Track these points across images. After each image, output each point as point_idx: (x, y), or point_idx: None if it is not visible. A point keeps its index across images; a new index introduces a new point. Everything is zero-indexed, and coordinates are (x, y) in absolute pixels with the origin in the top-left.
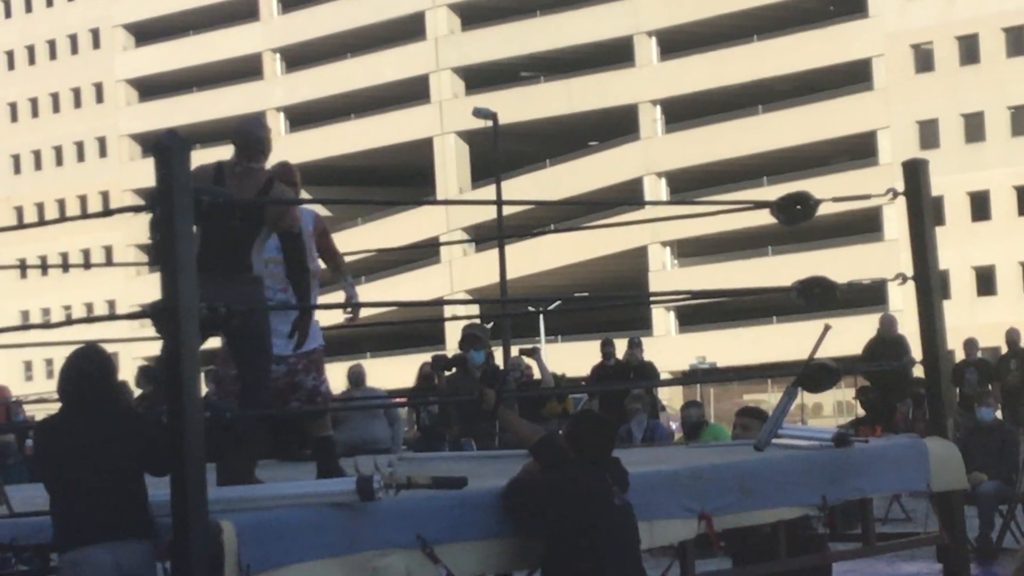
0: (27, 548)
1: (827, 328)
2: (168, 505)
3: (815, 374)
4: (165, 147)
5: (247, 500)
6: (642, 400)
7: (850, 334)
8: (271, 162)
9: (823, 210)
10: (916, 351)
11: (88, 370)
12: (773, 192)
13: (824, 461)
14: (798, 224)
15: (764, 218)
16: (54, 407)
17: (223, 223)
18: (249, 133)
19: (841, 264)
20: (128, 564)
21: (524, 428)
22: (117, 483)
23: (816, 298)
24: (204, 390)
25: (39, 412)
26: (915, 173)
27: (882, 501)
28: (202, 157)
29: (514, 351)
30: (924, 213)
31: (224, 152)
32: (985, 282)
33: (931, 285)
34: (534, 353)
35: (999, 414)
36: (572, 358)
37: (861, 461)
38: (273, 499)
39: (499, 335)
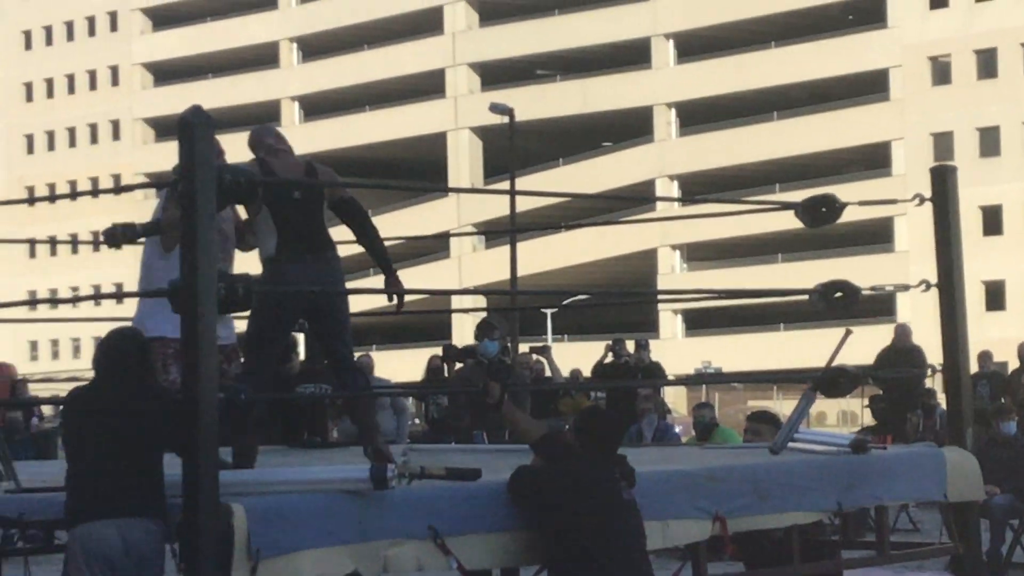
0: (33, 524)
1: (848, 332)
2: (179, 485)
3: (834, 379)
4: (188, 123)
5: (259, 484)
6: (652, 400)
7: (860, 343)
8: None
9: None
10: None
11: (125, 348)
12: (786, 199)
13: (841, 467)
14: (822, 226)
15: (775, 224)
16: (59, 387)
17: (293, 205)
18: (261, 133)
19: (852, 273)
20: (135, 542)
21: (528, 424)
22: (132, 460)
23: (837, 302)
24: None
25: (44, 391)
26: (943, 179)
27: (891, 511)
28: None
29: (523, 348)
30: (951, 219)
31: (239, 138)
32: (995, 297)
33: (956, 292)
34: (544, 351)
35: None
36: (580, 358)
37: (878, 468)
38: (285, 484)
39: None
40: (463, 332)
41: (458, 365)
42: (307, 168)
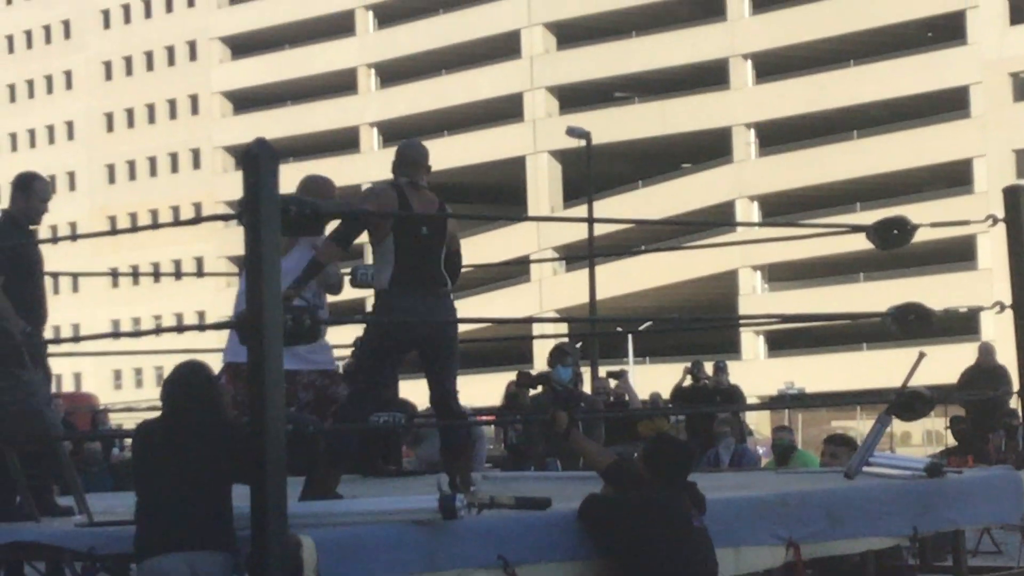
0: (104, 558)
1: (921, 355)
2: (248, 518)
3: (908, 402)
4: (253, 155)
5: (328, 515)
6: (730, 424)
7: (942, 363)
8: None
9: (917, 237)
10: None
11: (194, 382)
12: (866, 218)
13: (916, 491)
14: (894, 249)
15: (856, 244)
16: (140, 416)
17: (417, 240)
18: (420, 155)
19: (934, 292)
20: (204, 575)
21: (595, 452)
22: (201, 492)
23: (911, 325)
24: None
25: (127, 421)
26: (1016, 199)
27: (972, 533)
28: (296, 171)
29: (601, 372)
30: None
31: (314, 166)
32: None
33: None
34: (620, 376)
35: None
36: (661, 380)
37: (954, 492)
38: (354, 515)
39: (587, 355)
40: (543, 357)
41: (532, 391)
42: (440, 206)
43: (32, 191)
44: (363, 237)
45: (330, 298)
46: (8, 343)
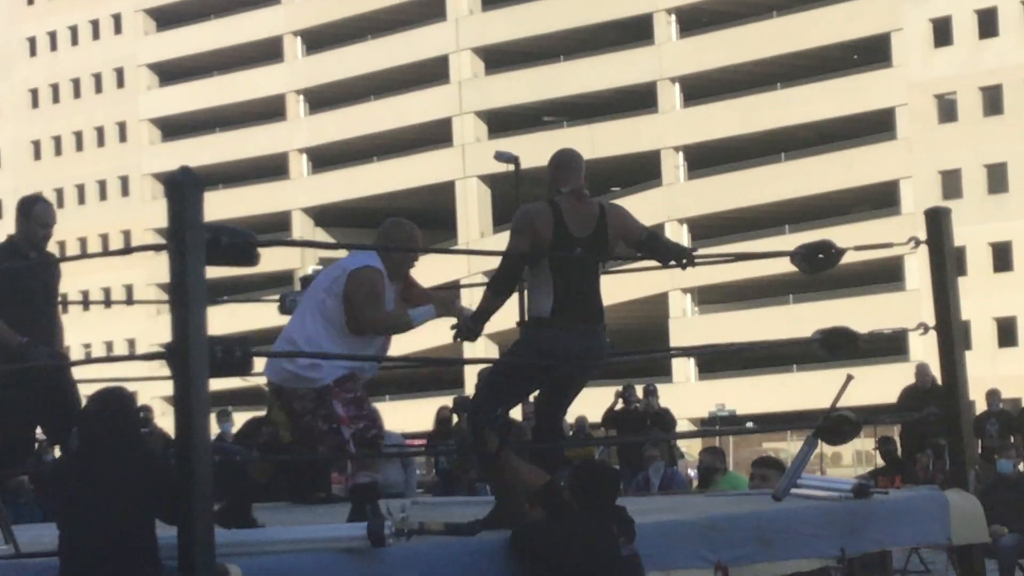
0: None
1: (849, 378)
2: (175, 547)
3: (835, 426)
4: (178, 184)
5: (255, 544)
6: (660, 447)
7: (871, 384)
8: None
9: (845, 259)
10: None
11: (102, 412)
12: (795, 240)
13: (843, 512)
14: (820, 273)
15: (786, 266)
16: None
17: (574, 263)
18: (580, 161)
19: (862, 313)
20: None
21: (527, 473)
22: (125, 526)
23: (838, 348)
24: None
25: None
26: (937, 221)
27: (900, 553)
28: (225, 197)
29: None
30: (947, 262)
31: (244, 192)
32: (1007, 333)
33: (953, 335)
34: None
35: (1022, 466)
36: (590, 404)
37: (881, 513)
38: (282, 543)
39: None
40: (474, 381)
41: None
42: (600, 211)
43: (31, 216)
44: None
45: None
46: None
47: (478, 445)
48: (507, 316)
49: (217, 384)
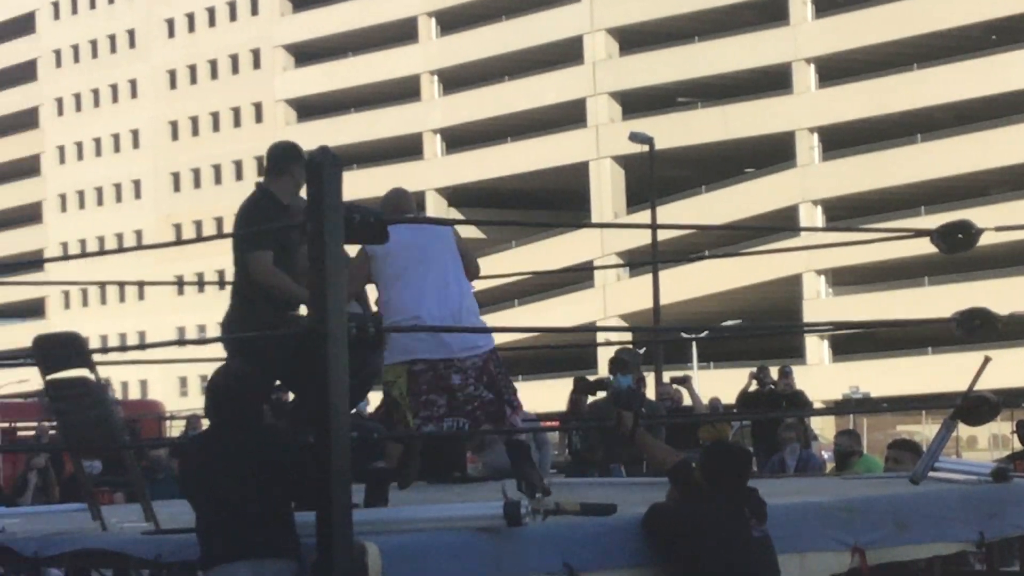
0: (172, 565)
1: (987, 360)
2: (313, 525)
3: (974, 407)
4: (317, 164)
5: (392, 522)
6: (795, 429)
7: (1009, 367)
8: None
9: (983, 240)
10: None
11: (228, 388)
12: (931, 221)
13: (983, 496)
14: (958, 253)
15: (921, 248)
16: (206, 422)
17: None
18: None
19: (1001, 295)
20: None
21: (662, 452)
22: (262, 501)
23: (976, 330)
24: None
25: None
26: None
27: None
28: (358, 177)
29: (665, 378)
30: None
31: (378, 173)
32: None
33: None
34: (684, 381)
35: None
36: (725, 385)
37: (1021, 497)
38: (419, 522)
39: (651, 361)
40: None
41: (592, 397)
42: None
43: (294, 172)
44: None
45: None
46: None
47: (617, 425)
48: (641, 299)
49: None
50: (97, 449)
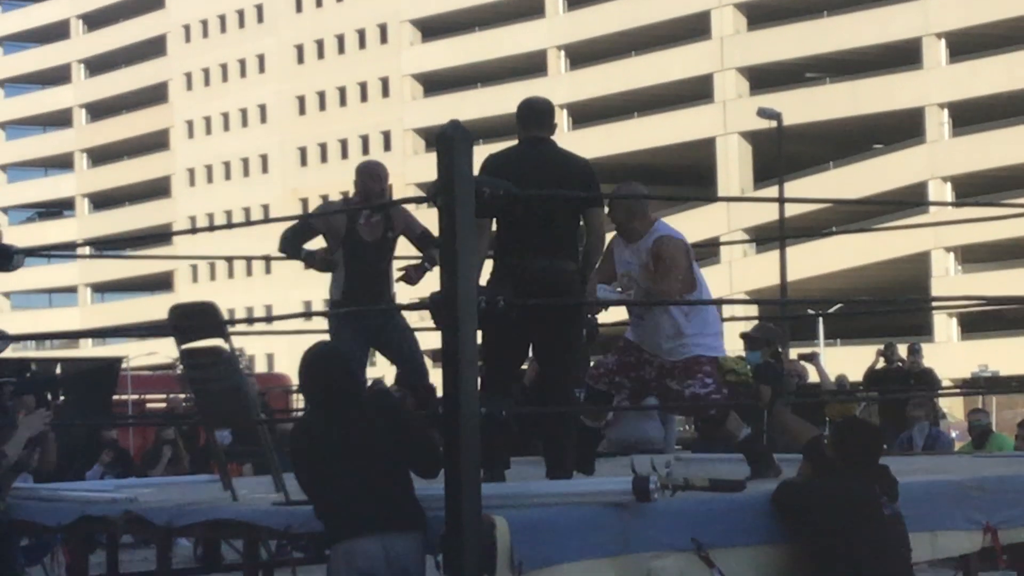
0: (302, 536)
1: None
2: (439, 498)
3: None
4: (448, 137)
5: (521, 496)
6: (924, 407)
7: None
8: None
9: None
10: None
11: (331, 370)
12: None
13: None
14: None
15: None
16: None
17: None
18: None
19: None
20: (398, 555)
21: (798, 426)
22: (383, 475)
23: None
24: None
25: None
26: None
27: None
28: (486, 152)
29: (792, 354)
30: None
31: (504, 147)
32: None
33: None
34: (812, 358)
35: None
36: (852, 362)
37: None
38: (547, 496)
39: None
40: (732, 338)
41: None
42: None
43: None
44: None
45: None
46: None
47: (756, 398)
48: (767, 275)
49: None
50: (232, 422)
